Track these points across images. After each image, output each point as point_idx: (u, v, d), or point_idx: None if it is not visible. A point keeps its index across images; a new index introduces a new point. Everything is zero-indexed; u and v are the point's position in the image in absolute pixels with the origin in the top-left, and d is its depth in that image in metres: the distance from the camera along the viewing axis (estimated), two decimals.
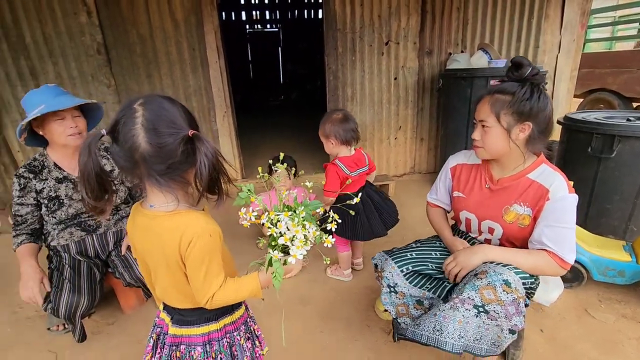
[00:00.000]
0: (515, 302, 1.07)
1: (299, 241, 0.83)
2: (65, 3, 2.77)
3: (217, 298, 0.83)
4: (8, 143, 3.01)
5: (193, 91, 3.20)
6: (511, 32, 3.38)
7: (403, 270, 1.35)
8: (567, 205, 1.14)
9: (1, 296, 2.05)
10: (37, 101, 1.39)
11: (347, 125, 1.76)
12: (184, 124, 0.75)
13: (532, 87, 1.14)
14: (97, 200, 0.77)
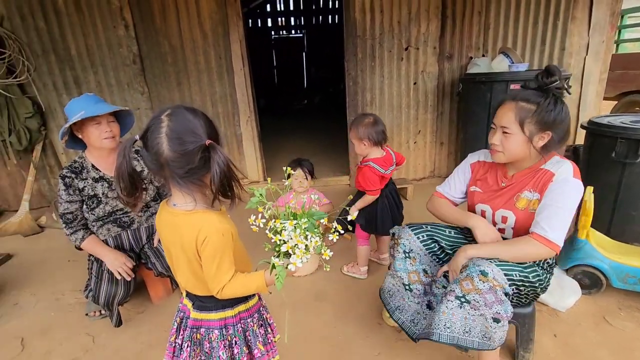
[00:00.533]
0: (493, 290, 1.14)
1: (299, 250, 0.90)
2: (106, 18, 3.02)
3: (226, 290, 0.93)
4: (54, 146, 3.30)
5: (219, 97, 3.37)
6: (535, 35, 3.33)
7: (419, 237, 1.47)
8: (567, 187, 1.19)
9: (46, 285, 2.27)
10: (78, 108, 1.56)
11: (377, 127, 1.90)
12: (203, 134, 0.86)
13: (555, 98, 1.20)
14: (129, 196, 0.90)
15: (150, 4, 3.04)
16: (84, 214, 1.73)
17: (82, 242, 1.71)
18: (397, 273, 1.49)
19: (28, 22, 2.96)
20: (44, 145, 3.24)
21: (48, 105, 3.18)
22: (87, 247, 1.72)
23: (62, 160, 3.36)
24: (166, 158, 0.83)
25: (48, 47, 3.04)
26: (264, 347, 1.07)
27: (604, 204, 2.19)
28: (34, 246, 2.81)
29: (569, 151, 3.53)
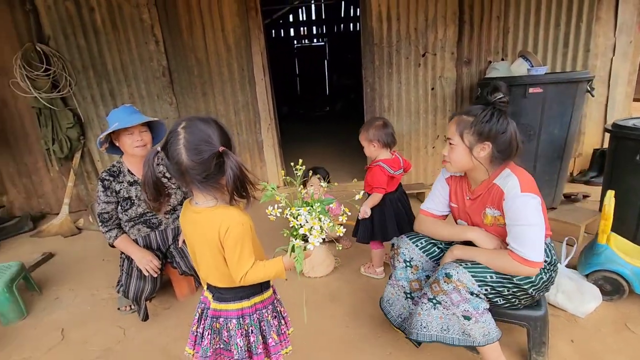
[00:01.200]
0: (456, 290, 1.25)
1: (316, 231, 1.00)
2: (139, 34, 3.26)
3: (249, 276, 1.02)
4: (91, 153, 3.57)
5: (241, 106, 3.53)
6: (557, 38, 3.28)
7: (417, 245, 1.54)
8: (519, 204, 1.21)
9: (82, 281, 2.46)
10: (115, 119, 1.73)
11: (387, 130, 1.98)
12: (217, 141, 0.95)
13: (493, 111, 1.25)
14: (154, 202, 1.02)
15: (179, 20, 3.25)
16: (118, 215, 1.89)
17: (115, 240, 1.86)
18: (398, 282, 1.55)
19: (70, 41, 3.24)
20: (82, 153, 3.51)
21: (87, 116, 3.45)
22: (119, 245, 1.87)
23: (99, 166, 3.61)
24: (186, 166, 0.94)
25: (87, 63, 3.31)
26: (277, 337, 1.15)
27: (629, 209, 2.13)
28: (73, 246, 3.04)
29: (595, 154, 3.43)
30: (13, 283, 2.07)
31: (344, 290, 2.12)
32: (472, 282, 1.26)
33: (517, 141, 1.28)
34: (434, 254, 1.53)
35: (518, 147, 1.29)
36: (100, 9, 3.18)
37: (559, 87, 2.54)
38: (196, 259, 1.12)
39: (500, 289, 1.29)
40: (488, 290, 1.29)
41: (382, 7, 3.22)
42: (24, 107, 3.37)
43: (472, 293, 1.26)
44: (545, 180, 2.78)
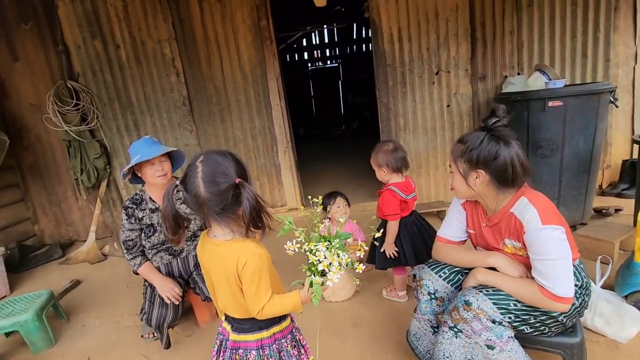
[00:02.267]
0: (477, 318, 1.20)
1: (335, 267, 0.99)
2: (161, 67, 3.43)
3: (266, 310, 1.02)
4: (117, 182, 3.71)
5: (258, 131, 3.62)
6: (574, 49, 3.22)
7: (441, 275, 1.45)
8: (541, 238, 1.15)
9: (108, 309, 2.50)
10: (137, 151, 1.80)
11: (397, 154, 1.93)
12: (233, 173, 0.98)
13: (484, 136, 1.21)
14: (173, 234, 1.04)
15: (197, 53, 3.41)
16: (142, 242, 1.94)
17: (140, 268, 1.90)
18: (424, 316, 1.47)
19: (98, 77, 3.45)
20: (108, 181, 3.65)
21: (112, 146, 3.61)
22: (142, 273, 1.91)
23: (123, 194, 3.74)
24: (204, 198, 0.96)
25: (113, 96, 3.50)
26: None
27: None
28: (99, 273, 3.12)
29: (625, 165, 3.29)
30: (43, 312, 2.13)
31: (366, 315, 2.07)
32: (493, 310, 1.19)
33: (517, 165, 1.19)
34: (459, 283, 1.43)
35: (520, 171, 1.21)
36: (125, 46, 3.38)
37: (580, 99, 2.47)
38: (214, 290, 1.13)
39: (526, 317, 1.22)
40: (512, 319, 1.21)
41: (392, 29, 3.28)
42: (56, 140, 3.57)
43: (494, 321, 1.19)
44: (573, 194, 2.67)
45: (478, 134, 1.24)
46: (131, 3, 3.28)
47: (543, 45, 3.24)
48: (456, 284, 1.44)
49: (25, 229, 3.72)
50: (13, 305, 2.16)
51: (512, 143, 1.21)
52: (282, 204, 3.81)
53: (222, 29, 3.36)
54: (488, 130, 1.24)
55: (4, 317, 2.04)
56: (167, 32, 3.35)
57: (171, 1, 3.29)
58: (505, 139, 1.21)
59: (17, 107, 3.51)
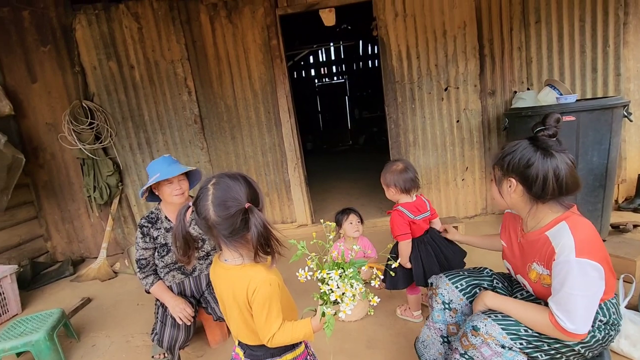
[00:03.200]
0: (486, 344, 1.16)
1: (348, 298, 0.95)
2: (173, 87, 3.51)
3: (276, 338, 1.00)
4: (128, 199, 3.74)
5: (268, 147, 3.64)
6: (584, 64, 3.22)
7: (457, 286, 1.43)
8: (570, 269, 1.04)
9: (118, 327, 2.49)
10: (156, 169, 1.81)
11: (406, 175, 1.87)
12: (243, 198, 0.97)
13: (524, 143, 1.16)
14: (184, 255, 1.04)
15: (209, 72, 3.48)
16: (155, 261, 1.94)
17: (152, 287, 1.89)
18: (435, 325, 1.45)
19: (112, 96, 3.53)
20: (120, 198, 3.69)
21: (125, 164, 3.66)
22: (154, 292, 1.90)
23: (135, 211, 3.77)
24: (212, 222, 0.96)
25: (127, 115, 3.57)
26: None
27: None
28: (109, 290, 3.12)
29: None
30: (54, 331, 2.12)
31: (380, 335, 2.02)
32: (502, 336, 1.15)
33: (551, 179, 1.10)
34: (476, 296, 1.41)
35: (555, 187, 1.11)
36: (139, 67, 3.47)
37: (593, 114, 2.46)
38: (226, 314, 1.12)
39: (538, 344, 1.16)
40: (524, 345, 1.16)
41: (401, 47, 3.32)
42: (70, 158, 3.64)
43: (504, 346, 1.15)
44: (589, 210, 2.62)
45: (519, 141, 1.19)
46: (146, 25, 3.39)
47: (552, 60, 3.24)
48: (472, 298, 1.41)
49: (38, 245, 3.76)
50: (25, 325, 2.16)
51: (554, 155, 1.11)
52: (292, 220, 3.80)
53: (233, 49, 3.44)
54: (531, 139, 1.18)
55: (16, 337, 2.03)
56: (179, 53, 3.43)
57: (184, 23, 3.39)
58: (546, 149, 1.12)
59: (33, 127, 3.60)
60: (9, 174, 3.10)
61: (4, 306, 2.75)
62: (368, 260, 1.09)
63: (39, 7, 3.36)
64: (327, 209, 4.21)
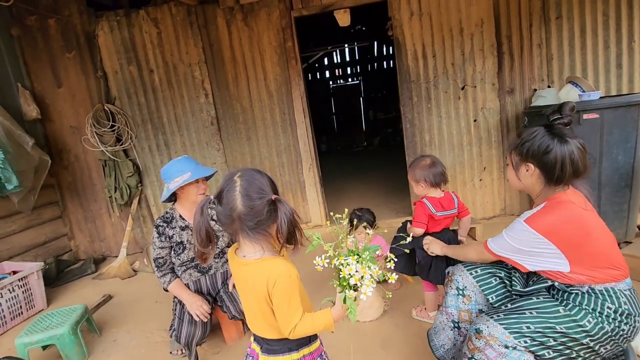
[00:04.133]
0: (489, 345, 1.19)
1: (367, 280, 0.98)
2: (191, 89, 3.58)
3: (298, 329, 1.00)
4: (147, 199, 3.84)
5: (283, 148, 3.67)
6: (608, 60, 3.11)
7: (472, 273, 1.50)
8: (514, 224, 1.29)
9: (138, 323, 2.55)
10: (183, 169, 1.82)
11: (435, 169, 1.91)
12: (269, 190, 1.00)
13: (540, 130, 1.25)
14: (204, 248, 1.04)
15: (225, 74, 3.54)
16: (172, 259, 1.98)
17: (170, 285, 1.93)
18: (447, 309, 1.51)
19: (133, 100, 3.64)
20: (139, 199, 3.79)
21: (144, 165, 3.76)
22: (172, 290, 1.94)
23: (154, 211, 3.86)
24: (239, 212, 0.97)
25: (146, 118, 3.67)
26: None
27: None
28: (129, 288, 3.20)
29: None
30: (78, 325, 2.19)
31: (395, 336, 2.00)
32: (505, 335, 1.18)
33: (567, 164, 1.21)
34: (490, 285, 1.46)
35: (570, 171, 1.22)
36: (159, 70, 3.56)
37: (618, 111, 2.37)
38: (245, 308, 1.13)
39: (543, 339, 1.17)
40: (528, 342, 1.17)
41: (416, 46, 3.30)
42: (92, 160, 3.76)
43: (507, 346, 1.17)
44: (614, 211, 2.53)
45: (535, 128, 1.28)
46: (165, 30, 3.48)
47: (574, 57, 3.15)
48: (486, 286, 1.47)
49: (62, 244, 3.89)
50: (50, 319, 2.24)
51: (569, 142, 1.21)
52: (307, 221, 3.81)
53: (249, 51, 3.49)
54: (547, 126, 1.27)
55: (42, 331, 2.11)
56: (197, 56, 3.51)
57: (202, 27, 3.46)
58: (561, 136, 1.22)
59: (59, 130, 3.74)
60: (35, 175, 3.23)
61: (31, 301, 2.86)
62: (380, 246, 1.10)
63: (64, 15, 3.50)
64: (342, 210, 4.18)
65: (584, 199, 1.28)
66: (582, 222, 1.20)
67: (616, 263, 1.21)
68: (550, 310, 1.21)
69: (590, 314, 1.17)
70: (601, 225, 1.25)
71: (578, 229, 1.20)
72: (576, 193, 1.28)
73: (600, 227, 1.24)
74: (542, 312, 1.21)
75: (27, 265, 2.97)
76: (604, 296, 1.18)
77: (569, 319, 1.18)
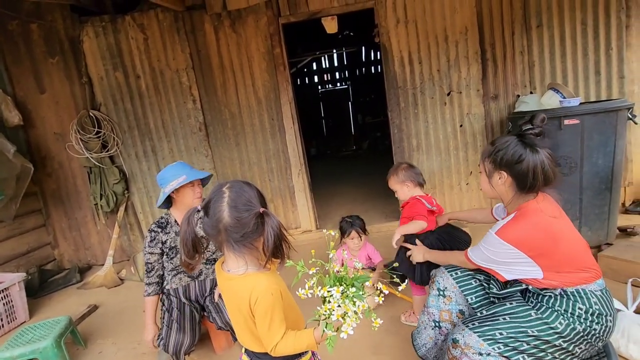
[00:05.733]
0: (464, 354, 1.24)
1: (349, 319, 0.94)
2: (178, 95, 3.56)
3: (279, 347, 1.00)
4: (134, 206, 3.78)
5: (272, 154, 3.67)
6: (587, 67, 3.22)
7: (452, 274, 1.55)
8: (487, 236, 1.33)
9: (125, 333, 2.50)
10: (178, 173, 1.82)
11: (415, 170, 2.01)
12: (257, 203, 1.00)
13: (513, 140, 1.29)
14: (191, 258, 1.04)
15: (213, 80, 3.53)
16: (164, 263, 1.96)
17: (148, 297, 1.94)
18: (428, 309, 1.58)
19: (119, 106, 3.59)
20: (126, 206, 3.72)
21: (131, 172, 3.70)
22: (146, 302, 1.95)
23: (141, 218, 3.80)
24: (225, 224, 0.97)
25: (133, 124, 3.62)
26: None
27: None
28: (115, 297, 3.14)
29: None
30: (62, 338, 2.14)
31: (386, 342, 2.01)
32: (479, 343, 1.23)
33: (539, 173, 1.25)
34: (470, 286, 1.52)
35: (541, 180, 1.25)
36: (145, 76, 3.53)
37: (597, 116, 2.45)
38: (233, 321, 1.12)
39: (516, 344, 1.22)
40: (502, 348, 1.22)
41: (403, 53, 3.35)
42: (77, 167, 3.69)
43: (481, 353, 1.21)
44: (595, 213, 2.60)
45: (508, 137, 1.33)
46: (151, 36, 3.45)
47: (554, 63, 3.25)
48: (465, 287, 1.52)
49: (46, 253, 3.80)
50: (33, 332, 2.18)
51: (539, 151, 1.26)
52: (297, 226, 3.81)
53: (237, 57, 3.48)
54: (519, 136, 1.31)
55: (24, 344, 2.05)
56: (184, 62, 3.49)
57: (189, 33, 3.45)
58: (532, 146, 1.27)
59: (42, 136, 3.66)
60: (18, 183, 3.15)
61: (12, 314, 2.78)
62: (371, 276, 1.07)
63: (47, 20, 3.44)
64: (332, 215, 4.21)
65: (555, 205, 1.33)
66: (550, 230, 1.24)
67: (587, 265, 1.26)
68: (522, 314, 1.25)
69: (561, 316, 1.21)
70: (570, 230, 1.30)
71: (547, 237, 1.24)
72: (546, 199, 1.32)
73: (570, 232, 1.29)
74: (514, 317, 1.25)
75: (8, 276, 2.88)
76: (575, 297, 1.22)
77: (541, 322, 1.22)
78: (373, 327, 1.01)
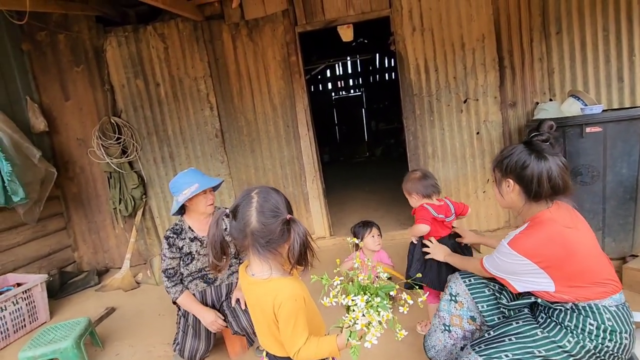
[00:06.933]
0: None
1: (374, 328, 0.93)
2: (196, 102, 3.63)
3: (302, 353, 1.00)
4: (152, 211, 3.85)
5: (287, 160, 3.70)
6: (609, 74, 3.14)
7: (465, 281, 1.55)
8: (500, 246, 1.30)
9: (141, 337, 2.53)
10: (190, 181, 1.85)
11: (425, 181, 1.95)
12: (284, 209, 1.01)
13: (519, 147, 1.28)
14: (219, 261, 1.05)
15: (230, 87, 3.60)
16: (181, 269, 1.98)
17: (180, 296, 1.92)
18: (440, 313, 1.58)
19: (139, 112, 3.69)
20: (143, 210, 3.80)
21: (149, 177, 3.78)
22: (182, 301, 1.93)
23: (157, 223, 3.87)
24: (252, 229, 0.98)
25: (152, 130, 3.71)
26: None
27: None
28: (132, 300, 3.19)
29: None
30: (81, 339, 2.19)
31: (403, 354, 1.98)
32: None
33: (545, 180, 1.22)
34: (482, 295, 1.50)
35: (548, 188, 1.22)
36: (165, 84, 3.62)
37: (621, 124, 2.39)
38: (256, 324, 1.13)
39: None
40: None
41: (419, 60, 3.34)
42: (97, 172, 3.79)
43: None
44: (619, 224, 2.52)
45: (515, 145, 1.32)
46: (171, 45, 3.55)
47: (575, 70, 3.18)
48: (477, 294, 1.51)
49: (66, 255, 3.90)
50: (54, 332, 2.23)
51: (547, 158, 1.23)
52: (311, 233, 3.79)
53: (253, 65, 3.54)
54: (526, 143, 1.31)
55: (46, 344, 2.10)
56: (202, 70, 3.57)
57: (207, 42, 3.53)
58: (539, 152, 1.24)
59: (65, 142, 3.79)
60: (41, 186, 3.26)
61: (34, 314, 2.86)
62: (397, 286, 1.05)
63: (74, 30, 3.58)
64: (345, 221, 4.19)
65: (571, 214, 1.28)
66: (563, 241, 1.20)
67: (603, 279, 1.20)
68: (529, 334, 1.22)
69: (570, 333, 1.17)
70: (587, 241, 1.24)
71: (560, 248, 1.20)
72: (561, 209, 1.27)
73: (586, 243, 1.24)
74: (520, 338, 1.22)
75: (31, 277, 2.97)
76: (586, 312, 1.18)
77: (548, 341, 1.18)
78: (396, 337, 0.99)
